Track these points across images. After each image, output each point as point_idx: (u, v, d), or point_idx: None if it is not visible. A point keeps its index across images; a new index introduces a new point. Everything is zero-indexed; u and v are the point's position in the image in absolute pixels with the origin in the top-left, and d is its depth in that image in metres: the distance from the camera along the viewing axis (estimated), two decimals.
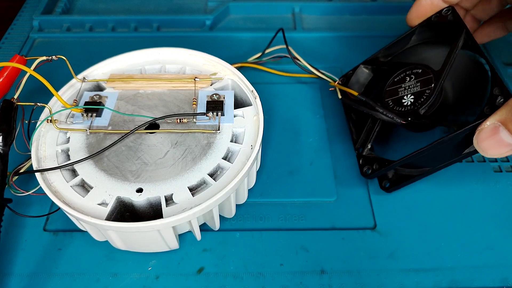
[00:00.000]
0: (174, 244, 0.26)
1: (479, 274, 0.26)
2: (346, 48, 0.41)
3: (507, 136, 0.22)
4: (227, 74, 0.31)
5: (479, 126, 0.24)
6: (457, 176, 0.31)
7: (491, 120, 0.23)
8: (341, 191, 0.30)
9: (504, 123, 0.22)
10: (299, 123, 0.35)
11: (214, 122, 0.28)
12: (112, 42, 0.42)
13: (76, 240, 0.28)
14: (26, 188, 0.26)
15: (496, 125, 0.22)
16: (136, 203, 0.25)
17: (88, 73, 0.31)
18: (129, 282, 0.26)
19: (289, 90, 0.37)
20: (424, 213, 0.29)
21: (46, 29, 0.44)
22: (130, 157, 0.26)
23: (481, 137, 0.23)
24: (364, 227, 0.28)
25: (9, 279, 0.26)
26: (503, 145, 0.22)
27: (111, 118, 0.28)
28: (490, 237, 0.28)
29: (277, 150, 0.33)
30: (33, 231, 0.28)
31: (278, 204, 0.30)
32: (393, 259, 0.27)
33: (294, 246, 0.27)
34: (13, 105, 0.26)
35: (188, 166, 0.26)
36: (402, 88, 0.30)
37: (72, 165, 0.26)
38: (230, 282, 0.26)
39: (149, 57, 0.33)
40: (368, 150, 0.30)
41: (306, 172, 0.31)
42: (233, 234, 0.28)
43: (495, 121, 0.22)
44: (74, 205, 0.24)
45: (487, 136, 0.23)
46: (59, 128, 0.27)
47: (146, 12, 0.46)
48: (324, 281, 0.26)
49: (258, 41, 0.42)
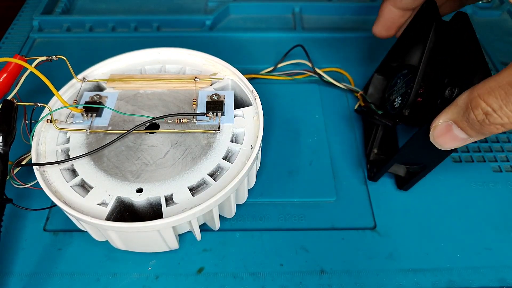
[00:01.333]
0: (174, 244, 0.26)
1: (477, 275, 0.26)
2: (346, 48, 0.41)
3: (460, 133, 0.23)
4: (227, 74, 0.31)
5: (433, 122, 0.24)
6: (457, 176, 0.31)
7: (443, 118, 0.23)
8: (341, 191, 0.30)
9: (455, 122, 0.23)
10: (299, 123, 0.35)
11: (214, 122, 0.28)
12: (112, 42, 0.42)
13: (76, 240, 0.28)
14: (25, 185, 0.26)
15: (449, 123, 0.23)
16: (136, 203, 0.25)
17: (88, 73, 0.31)
18: (129, 282, 0.26)
19: (289, 90, 0.37)
20: (423, 214, 0.29)
21: (46, 29, 0.44)
22: (130, 157, 0.26)
23: (436, 133, 0.24)
24: (363, 227, 0.28)
25: (9, 279, 0.26)
26: (458, 139, 0.23)
27: (111, 118, 0.28)
28: (488, 237, 0.28)
29: (277, 150, 0.33)
30: (33, 231, 0.28)
31: (278, 204, 0.30)
32: (392, 259, 0.27)
33: (294, 246, 0.28)
34: (13, 105, 0.26)
35: (188, 166, 0.26)
36: (395, 91, 0.30)
37: (70, 160, 0.26)
38: (230, 282, 0.26)
39: (149, 57, 0.33)
40: (375, 155, 0.31)
41: (306, 172, 0.31)
42: (233, 234, 0.28)
43: (447, 119, 0.23)
44: (74, 205, 0.24)
45: (442, 133, 0.23)
46: (59, 128, 0.28)
47: (146, 12, 0.46)
48: (323, 281, 0.26)
49: (258, 41, 0.42)
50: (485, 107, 0.21)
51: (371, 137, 0.32)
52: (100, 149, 0.26)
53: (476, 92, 0.21)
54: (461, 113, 0.22)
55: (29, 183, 0.26)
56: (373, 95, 0.34)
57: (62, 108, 0.28)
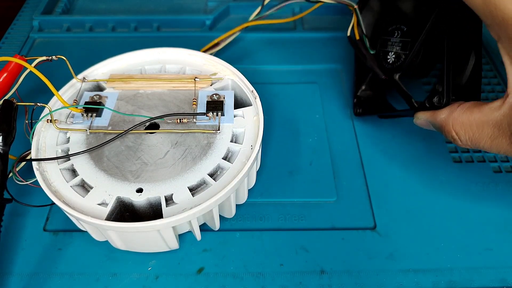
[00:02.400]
0: (174, 244, 0.26)
1: (478, 275, 0.26)
2: (346, 48, 0.41)
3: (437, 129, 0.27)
4: (227, 74, 0.31)
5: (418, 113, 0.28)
6: (457, 176, 0.31)
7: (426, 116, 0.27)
8: (341, 191, 0.30)
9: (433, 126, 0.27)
10: (299, 123, 0.35)
11: (214, 122, 0.28)
12: (112, 42, 0.42)
13: (76, 240, 0.28)
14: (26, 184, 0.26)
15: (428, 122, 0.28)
16: (136, 203, 0.25)
17: (88, 73, 0.31)
18: (129, 282, 0.26)
19: (289, 90, 0.37)
20: (424, 214, 0.29)
21: (46, 29, 0.44)
22: (130, 157, 0.26)
23: (418, 122, 0.29)
24: (364, 227, 0.28)
25: (9, 279, 0.26)
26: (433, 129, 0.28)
27: (111, 118, 0.28)
28: (489, 238, 0.28)
29: (277, 150, 0.33)
30: (33, 231, 0.28)
31: (278, 204, 0.30)
32: (393, 259, 0.27)
33: (294, 246, 0.27)
34: (13, 105, 0.26)
35: (188, 166, 0.26)
36: (390, 42, 0.30)
37: (69, 157, 0.26)
38: (230, 282, 0.26)
39: (149, 57, 0.33)
40: (362, 91, 0.31)
41: (306, 172, 0.31)
42: (233, 234, 0.28)
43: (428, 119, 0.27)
44: (74, 205, 0.24)
45: (422, 124, 0.28)
46: (59, 128, 0.28)
47: (146, 12, 0.46)
48: (323, 281, 0.26)
49: (258, 41, 0.42)
50: (454, 135, 0.25)
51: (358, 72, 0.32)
52: (99, 146, 0.26)
53: (450, 121, 0.25)
54: (437, 126, 0.27)
55: (30, 180, 0.26)
56: (367, 15, 0.33)
57: (62, 108, 0.28)
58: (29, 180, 0.26)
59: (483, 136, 0.24)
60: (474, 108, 0.24)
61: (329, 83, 0.38)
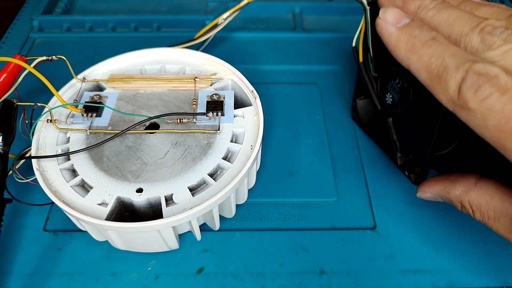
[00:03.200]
0: (174, 244, 0.26)
1: (478, 276, 0.26)
2: (346, 49, 0.41)
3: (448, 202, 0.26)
4: (227, 74, 0.31)
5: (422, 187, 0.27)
6: None
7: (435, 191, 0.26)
8: (341, 191, 0.30)
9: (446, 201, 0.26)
10: (299, 124, 0.35)
11: (214, 122, 0.28)
12: (112, 42, 0.42)
13: (76, 240, 0.28)
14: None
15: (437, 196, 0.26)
16: (136, 203, 0.25)
17: (88, 73, 0.31)
18: (128, 282, 0.26)
19: (289, 90, 0.37)
20: (424, 214, 0.29)
21: (46, 29, 0.44)
22: (130, 157, 0.26)
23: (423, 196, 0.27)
24: (364, 228, 0.28)
25: (9, 279, 0.26)
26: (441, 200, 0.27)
27: (111, 118, 0.28)
28: (489, 238, 0.28)
29: (277, 150, 0.33)
30: (33, 231, 0.28)
31: (278, 204, 0.30)
32: (392, 260, 0.27)
33: (293, 246, 0.27)
34: (13, 105, 0.26)
35: (188, 166, 0.26)
36: (391, 84, 0.27)
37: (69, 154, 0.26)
38: (230, 282, 0.26)
39: (149, 57, 0.33)
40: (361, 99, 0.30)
41: (306, 172, 0.31)
42: (233, 234, 0.28)
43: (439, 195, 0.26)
44: (74, 205, 0.24)
45: (429, 197, 0.27)
46: (59, 128, 0.28)
47: (146, 12, 0.46)
48: (323, 282, 0.26)
49: (258, 41, 0.42)
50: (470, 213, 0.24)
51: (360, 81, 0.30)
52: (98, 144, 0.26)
53: (467, 200, 0.24)
54: (449, 200, 0.26)
55: (30, 178, 0.26)
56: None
57: (61, 106, 0.28)
58: (29, 178, 0.26)
59: (499, 225, 0.23)
60: (494, 194, 0.23)
61: (329, 84, 0.38)
